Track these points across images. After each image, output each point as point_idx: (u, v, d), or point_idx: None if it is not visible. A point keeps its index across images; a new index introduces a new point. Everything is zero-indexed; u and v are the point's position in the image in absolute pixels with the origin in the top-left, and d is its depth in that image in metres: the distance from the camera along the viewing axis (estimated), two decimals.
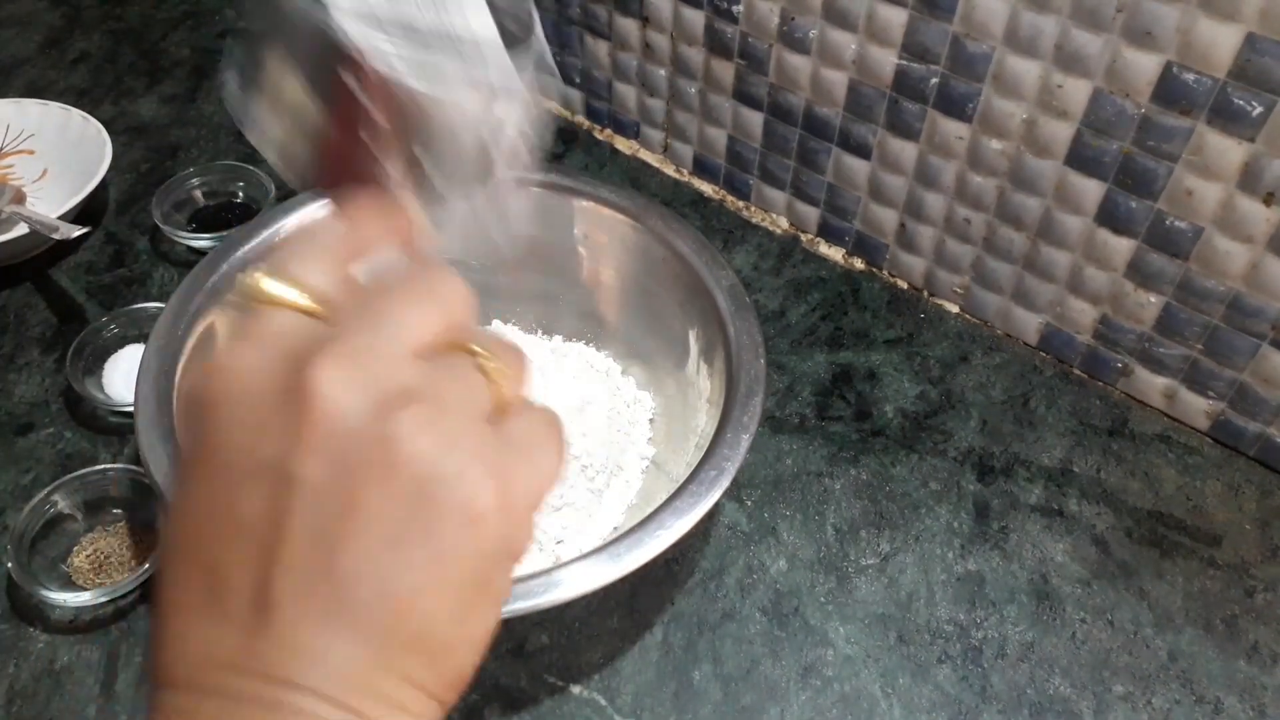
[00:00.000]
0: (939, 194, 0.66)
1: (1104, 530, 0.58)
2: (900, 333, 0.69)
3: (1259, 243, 0.54)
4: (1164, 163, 0.55)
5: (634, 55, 0.77)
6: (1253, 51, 0.49)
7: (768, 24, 0.67)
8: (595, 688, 0.51)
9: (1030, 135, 0.59)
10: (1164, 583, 0.56)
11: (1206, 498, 0.60)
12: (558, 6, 0.79)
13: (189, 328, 0.53)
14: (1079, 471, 0.61)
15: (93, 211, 0.76)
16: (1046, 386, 0.66)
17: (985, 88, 0.59)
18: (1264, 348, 0.58)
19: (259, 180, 0.75)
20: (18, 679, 0.51)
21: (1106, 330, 0.64)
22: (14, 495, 0.58)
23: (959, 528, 0.58)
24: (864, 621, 0.54)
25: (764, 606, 0.54)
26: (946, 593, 0.55)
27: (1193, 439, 0.63)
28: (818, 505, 0.59)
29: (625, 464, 0.58)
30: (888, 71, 0.63)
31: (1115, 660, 0.53)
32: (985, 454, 0.62)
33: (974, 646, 0.53)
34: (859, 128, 0.67)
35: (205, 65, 0.91)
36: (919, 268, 0.71)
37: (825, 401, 0.64)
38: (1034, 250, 0.64)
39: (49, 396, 0.64)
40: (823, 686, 0.51)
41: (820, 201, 0.73)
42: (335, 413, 0.22)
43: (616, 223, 0.61)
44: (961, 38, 0.59)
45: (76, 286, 0.71)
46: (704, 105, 0.75)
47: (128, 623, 0.53)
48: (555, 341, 0.66)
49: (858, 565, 0.56)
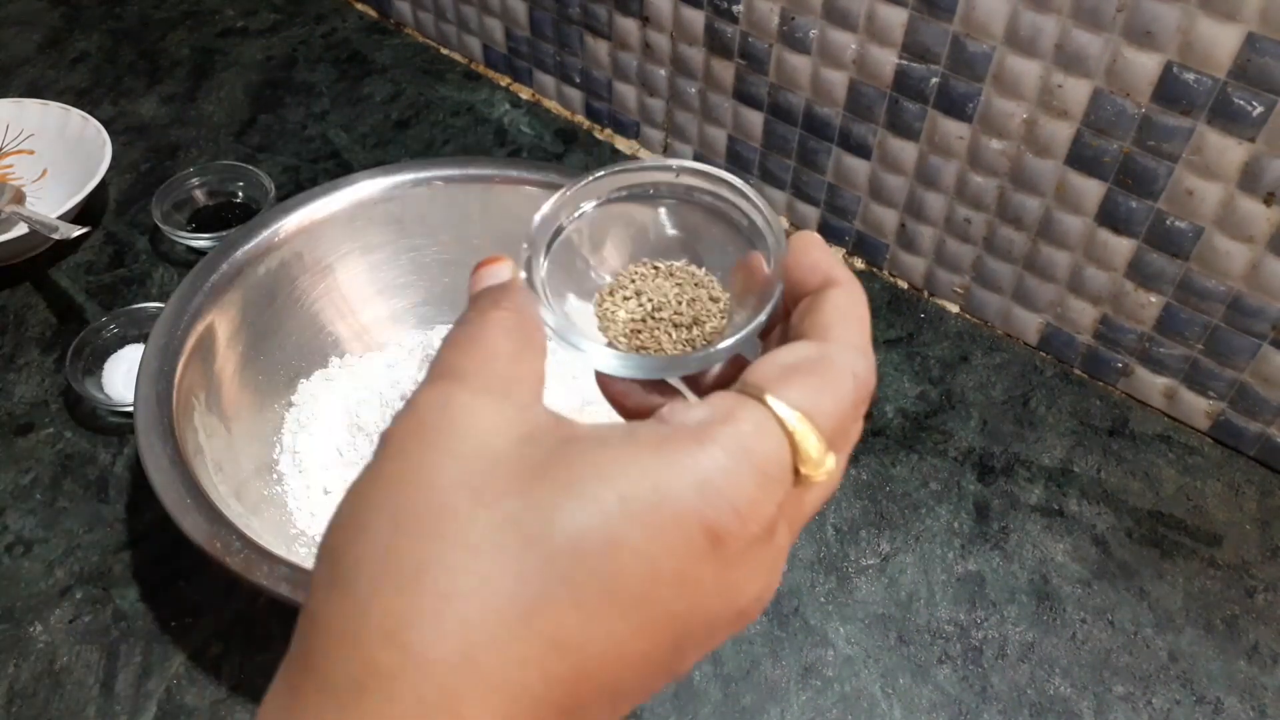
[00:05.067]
0: (939, 194, 0.66)
1: (1104, 530, 0.58)
2: (900, 333, 0.69)
3: (1259, 243, 0.54)
4: (1164, 163, 0.55)
5: (634, 55, 0.77)
6: (1253, 51, 0.49)
7: (768, 24, 0.67)
8: None
9: (1030, 135, 0.59)
10: (1164, 583, 0.56)
11: (1207, 498, 0.60)
12: (558, 6, 0.79)
13: (189, 327, 0.53)
14: (1079, 471, 0.61)
15: (92, 211, 0.76)
16: (1047, 386, 0.66)
17: (985, 87, 0.59)
18: (1264, 348, 0.58)
19: (259, 180, 0.75)
20: (18, 679, 0.51)
21: (1107, 330, 0.64)
22: (14, 495, 0.58)
23: (959, 528, 0.58)
24: (864, 621, 0.54)
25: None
26: (947, 593, 0.55)
27: (1193, 439, 0.63)
28: None
29: None
30: (888, 71, 0.63)
31: (1115, 660, 0.53)
32: (985, 454, 0.62)
33: (974, 647, 0.53)
34: (859, 127, 0.67)
35: (205, 65, 0.91)
36: (919, 268, 0.71)
37: None
38: (1034, 250, 0.64)
39: (49, 396, 0.64)
40: (823, 687, 0.51)
41: (820, 201, 0.73)
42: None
43: None
44: (962, 37, 0.59)
45: (76, 286, 0.71)
46: (704, 105, 0.75)
47: (128, 623, 0.53)
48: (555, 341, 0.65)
49: (858, 565, 0.56)
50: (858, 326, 0.26)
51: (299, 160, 0.82)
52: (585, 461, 0.22)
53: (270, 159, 0.82)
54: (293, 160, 0.82)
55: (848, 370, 0.25)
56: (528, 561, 0.21)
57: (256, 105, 0.87)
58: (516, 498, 0.22)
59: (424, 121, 0.85)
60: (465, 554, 0.21)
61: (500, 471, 0.22)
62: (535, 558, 0.21)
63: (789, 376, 0.24)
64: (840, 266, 0.27)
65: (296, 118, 0.86)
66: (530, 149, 0.83)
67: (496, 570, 0.21)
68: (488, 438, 0.23)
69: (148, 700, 0.50)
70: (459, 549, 0.21)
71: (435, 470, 0.22)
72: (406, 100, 0.88)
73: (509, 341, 0.26)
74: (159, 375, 0.51)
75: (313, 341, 0.60)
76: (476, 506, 0.22)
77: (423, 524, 0.22)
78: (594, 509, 0.21)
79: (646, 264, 0.31)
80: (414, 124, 0.85)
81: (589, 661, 0.21)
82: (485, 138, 0.84)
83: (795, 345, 0.25)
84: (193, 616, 0.53)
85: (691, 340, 0.30)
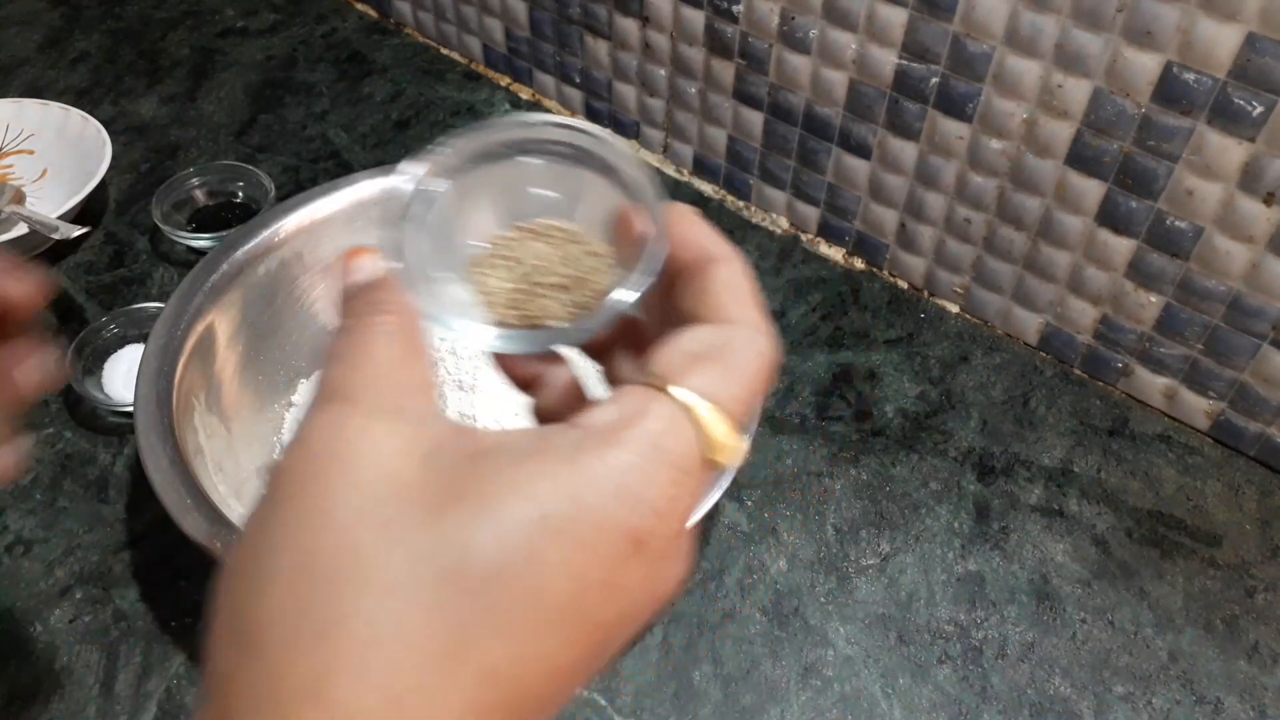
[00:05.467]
0: (939, 194, 0.66)
1: (1104, 530, 0.58)
2: (900, 333, 0.69)
3: (1259, 243, 0.54)
4: (1164, 162, 0.55)
5: (634, 55, 0.77)
6: (1253, 51, 0.49)
7: (768, 24, 0.67)
8: (595, 688, 0.51)
9: (1030, 135, 0.59)
10: (1164, 583, 0.56)
11: (1207, 498, 0.60)
12: (558, 6, 0.79)
13: (189, 327, 0.53)
14: (1079, 471, 0.61)
15: (92, 211, 0.76)
16: (1047, 386, 0.66)
17: (985, 87, 0.59)
18: (1264, 348, 0.58)
19: (259, 180, 0.75)
20: (18, 679, 0.51)
21: (1107, 330, 0.64)
22: (14, 495, 0.58)
23: (959, 528, 0.58)
24: (864, 621, 0.54)
25: (764, 606, 0.54)
26: (947, 593, 0.55)
27: (1193, 439, 0.63)
28: (818, 505, 0.59)
29: None
30: (888, 71, 0.63)
31: (1115, 660, 0.53)
32: (985, 454, 0.62)
33: (974, 647, 0.53)
34: (859, 127, 0.67)
35: (205, 65, 0.91)
36: (919, 268, 0.71)
37: (825, 401, 0.64)
38: (1034, 250, 0.64)
39: (49, 396, 0.64)
40: (823, 687, 0.51)
41: (820, 201, 0.73)
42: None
43: None
44: (962, 37, 0.59)
45: (76, 286, 0.71)
46: (704, 105, 0.75)
47: (128, 623, 0.53)
48: None
49: (858, 565, 0.56)
50: (751, 302, 0.26)
51: (299, 160, 0.82)
52: (498, 480, 0.21)
53: (270, 159, 0.82)
54: (293, 160, 0.82)
55: (753, 351, 0.25)
56: (448, 595, 0.20)
57: (256, 105, 0.87)
58: (429, 528, 0.21)
59: (424, 121, 0.85)
60: (381, 596, 0.20)
61: (408, 499, 0.21)
62: (456, 590, 0.20)
63: (696, 365, 0.24)
64: (720, 240, 0.27)
65: (296, 118, 0.86)
66: None
67: (416, 609, 0.20)
68: (389, 463, 0.22)
69: (148, 700, 0.50)
70: (374, 592, 0.20)
71: (337, 507, 0.21)
72: (406, 100, 0.88)
73: (395, 349, 0.24)
74: (159, 375, 0.51)
75: (313, 341, 0.60)
76: (388, 542, 0.20)
77: (332, 568, 0.20)
78: (512, 530, 0.21)
79: (518, 228, 0.29)
80: (414, 124, 0.85)
81: (522, 684, 0.21)
82: None
83: (697, 331, 0.25)
84: (193, 616, 0.53)
85: (580, 302, 0.28)
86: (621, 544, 0.21)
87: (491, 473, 0.21)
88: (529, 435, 0.23)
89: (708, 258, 0.26)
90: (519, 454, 0.22)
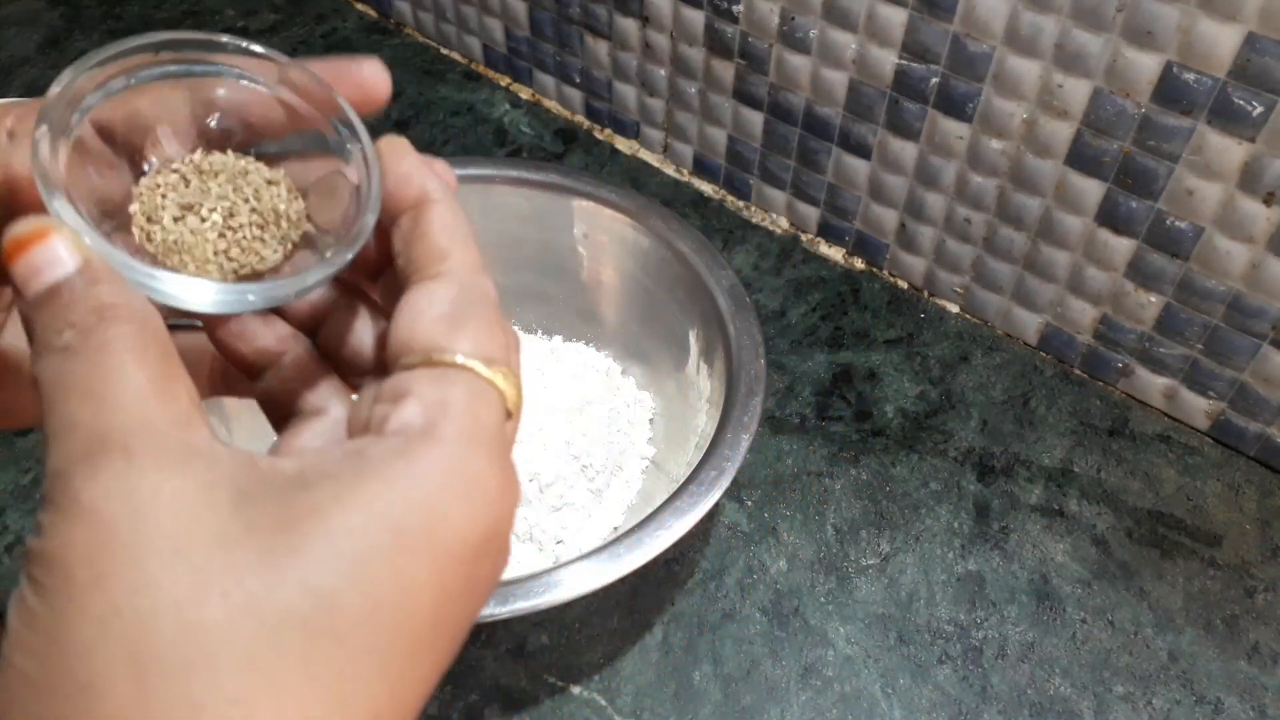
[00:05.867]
0: (939, 194, 0.66)
1: (1104, 530, 0.58)
2: (900, 333, 0.69)
3: (1259, 243, 0.54)
4: (1164, 162, 0.55)
5: (634, 55, 0.77)
6: (1253, 51, 0.49)
7: (768, 24, 0.67)
8: (595, 688, 0.51)
9: (1030, 135, 0.59)
10: (1164, 583, 0.56)
11: (1207, 498, 0.60)
12: (558, 6, 0.79)
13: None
14: (1079, 471, 0.61)
15: None
16: (1047, 386, 0.66)
17: (985, 87, 0.59)
18: (1264, 348, 0.58)
19: None
20: None
21: (1107, 330, 0.64)
22: (14, 495, 0.58)
23: (959, 528, 0.58)
24: (864, 621, 0.54)
25: (764, 606, 0.54)
26: (947, 593, 0.55)
27: (1193, 439, 0.63)
28: (818, 505, 0.59)
29: (625, 464, 0.58)
30: (888, 71, 0.63)
31: (1115, 660, 0.53)
32: (985, 454, 0.62)
33: (974, 647, 0.53)
34: (859, 127, 0.67)
35: None
36: (919, 267, 0.71)
37: (825, 401, 0.64)
38: (1034, 250, 0.64)
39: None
40: (823, 687, 0.51)
41: (820, 201, 0.73)
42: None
43: (616, 223, 0.61)
44: (961, 37, 0.59)
45: None
46: (704, 105, 0.75)
47: None
48: (555, 341, 0.66)
49: (858, 565, 0.56)
50: (469, 243, 0.25)
51: None
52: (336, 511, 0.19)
53: None
54: None
55: (487, 295, 0.24)
56: (320, 649, 0.19)
57: None
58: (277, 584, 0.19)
59: (424, 121, 0.85)
60: (239, 673, 0.18)
61: (241, 560, 0.19)
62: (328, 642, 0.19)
63: (456, 330, 0.23)
64: (432, 178, 0.25)
65: None
66: (530, 149, 0.83)
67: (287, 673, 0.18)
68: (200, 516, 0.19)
69: None
70: (229, 671, 0.18)
71: (162, 584, 0.18)
72: (406, 100, 0.88)
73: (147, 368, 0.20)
74: None
75: None
76: (229, 611, 0.18)
77: (173, 657, 0.18)
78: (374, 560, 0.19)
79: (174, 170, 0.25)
80: (414, 124, 0.85)
81: (404, 712, 0.20)
82: (485, 138, 0.84)
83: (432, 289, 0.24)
84: None
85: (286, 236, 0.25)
86: (481, 541, 0.21)
87: (325, 505, 0.19)
88: (340, 457, 0.21)
89: (424, 196, 0.25)
90: (346, 478, 0.20)
